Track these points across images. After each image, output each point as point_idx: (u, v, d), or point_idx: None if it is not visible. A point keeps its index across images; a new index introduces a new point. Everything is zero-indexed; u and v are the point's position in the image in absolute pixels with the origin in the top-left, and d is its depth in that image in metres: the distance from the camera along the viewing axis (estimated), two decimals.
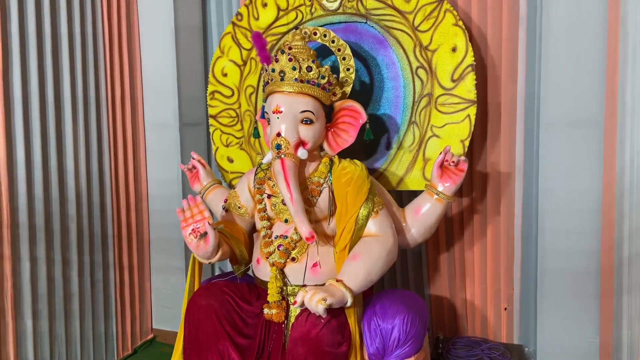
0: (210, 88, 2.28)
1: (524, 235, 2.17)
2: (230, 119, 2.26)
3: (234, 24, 2.21)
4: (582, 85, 1.82)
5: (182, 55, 2.45)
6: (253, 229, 1.95)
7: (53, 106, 2.06)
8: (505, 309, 2.24)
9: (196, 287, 1.82)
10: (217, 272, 2.47)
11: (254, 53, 2.18)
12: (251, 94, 2.20)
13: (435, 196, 1.81)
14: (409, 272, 2.35)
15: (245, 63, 2.21)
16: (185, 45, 2.48)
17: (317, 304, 1.47)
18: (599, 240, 1.82)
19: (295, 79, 1.69)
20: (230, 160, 2.28)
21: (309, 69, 1.70)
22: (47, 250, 2.05)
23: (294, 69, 1.68)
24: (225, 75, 2.24)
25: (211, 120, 2.29)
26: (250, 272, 1.93)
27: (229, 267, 2.66)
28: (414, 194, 2.16)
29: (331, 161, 1.79)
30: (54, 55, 2.07)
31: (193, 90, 2.55)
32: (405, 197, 2.17)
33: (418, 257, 2.34)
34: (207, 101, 2.30)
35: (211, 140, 2.30)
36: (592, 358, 1.88)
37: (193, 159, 2.13)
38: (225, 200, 1.92)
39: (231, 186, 2.27)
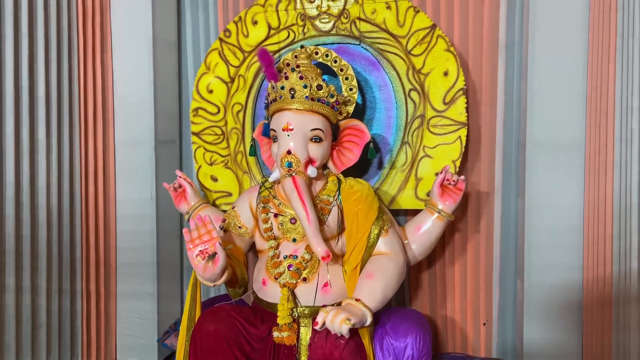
0: (194, 104, 2.19)
1: (502, 253, 2.27)
2: (215, 136, 2.19)
3: (221, 40, 2.16)
4: (565, 109, 1.97)
5: (157, 70, 2.35)
6: (250, 249, 1.88)
7: (28, 122, 1.90)
8: (484, 324, 2.32)
9: (197, 312, 1.73)
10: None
11: (242, 70, 2.14)
12: (239, 111, 2.15)
13: (436, 214, 1.86)
14: None
15: (232, 80, 2.16)
16: (160, 59, 2.38)
17: (341, 324, 1.44)
18: (581, 255, 1.95)
19: (307, 97, 1.67)
20: (214, 179, 2.20)
21: (319, 87, 1.69)
22: (17, 277, 1.86)
23: (305, 86, 1.67)
24: (210, 91, 2.18)
25: (194, 138, 2.20)
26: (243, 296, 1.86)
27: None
28: (396, 212, 2.21)
29: (339, 179, 1.78)
30: (30, 68, 1.92)
31: (167, 106, 2.45)
32: None
33: None
34: (189, 118, 2.21)
35: (193, 158, 2.21)
36: None
37: (179, 177, 2.04)
38: (224, 220, 1.85)
39: (215, 206, 2.18)
